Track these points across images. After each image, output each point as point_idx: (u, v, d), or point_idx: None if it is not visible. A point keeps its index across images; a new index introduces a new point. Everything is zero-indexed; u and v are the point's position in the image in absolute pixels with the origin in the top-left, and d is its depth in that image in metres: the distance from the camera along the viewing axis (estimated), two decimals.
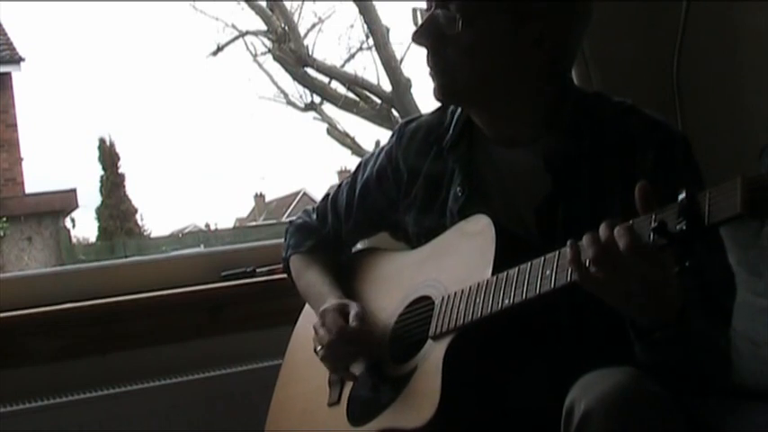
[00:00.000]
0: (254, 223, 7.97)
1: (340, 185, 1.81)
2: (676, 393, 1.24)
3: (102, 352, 2.13)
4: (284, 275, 2.25)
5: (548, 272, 1.27)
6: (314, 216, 1.84)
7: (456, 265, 1.48)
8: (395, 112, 6.43)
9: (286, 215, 8.49)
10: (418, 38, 1.50)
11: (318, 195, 1.93)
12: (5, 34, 5.95)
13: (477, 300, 1.37)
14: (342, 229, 1.79)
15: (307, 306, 1.81)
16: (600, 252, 1.18)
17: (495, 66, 1.46)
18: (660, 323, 1.23)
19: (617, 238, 1.17)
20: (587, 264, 1.19)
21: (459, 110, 1.60)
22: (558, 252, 1.27)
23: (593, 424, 1.19)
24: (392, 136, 1.73)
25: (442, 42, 1.48)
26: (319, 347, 1.58)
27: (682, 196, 1.10)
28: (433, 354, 1.42)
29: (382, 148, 1.74)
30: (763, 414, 1.76)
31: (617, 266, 1.17)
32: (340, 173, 7.21)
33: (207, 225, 7.34)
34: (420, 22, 1.53)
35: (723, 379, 1.38)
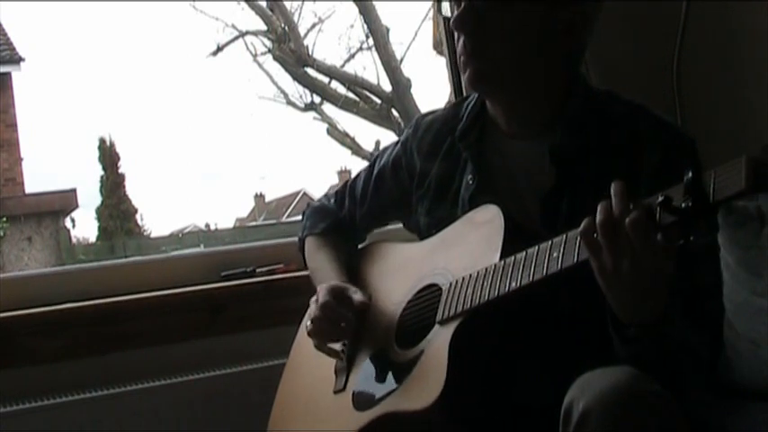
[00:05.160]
0: (254, 223, 7.96)
1: (359, 173, 1.86)
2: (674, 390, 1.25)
3: (102, 352, 2.13)
4: (285, 275, 2.25)
5: (555, 254, 1.28)
6: (332, 200, 1.89)
7: (464, 253, 1.49)
8: (395, 112, 6.43)
9: (286, 215, 8.48)
10: (459, 25, 1.52)
11: (318, 195, 1.96)
12: (5, 34, 5.94)
13: (485, 284, 1.38)
14: (357, 213, 1.83)
15: None
16: (607, 218, 1.20)
17: (531, 50, 1.50)
18: (640, 320, 1.25)
19: (623, 209, 1.19)
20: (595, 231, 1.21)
21: (473, 103, 1.64)
22: (565, 235, 1.28)
23: (591, 423, 1.19)
24: (408, 128, 1.77)
25: (481, 28, 1.50)
26: (308, 322, 1.62)
27: (687, 175, 1.12)
28: (440, 338, 1.42)
29: (399, 139, 1.79)
30: (763, 414, 1.76)
31: (619, 237, 1.19)
32: (340, 173, 7.22)
33: (207, 225, 7.32)
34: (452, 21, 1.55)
35: (697, 384, 1.39)
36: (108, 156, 6.56)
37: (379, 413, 1.46)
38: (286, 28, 6.46)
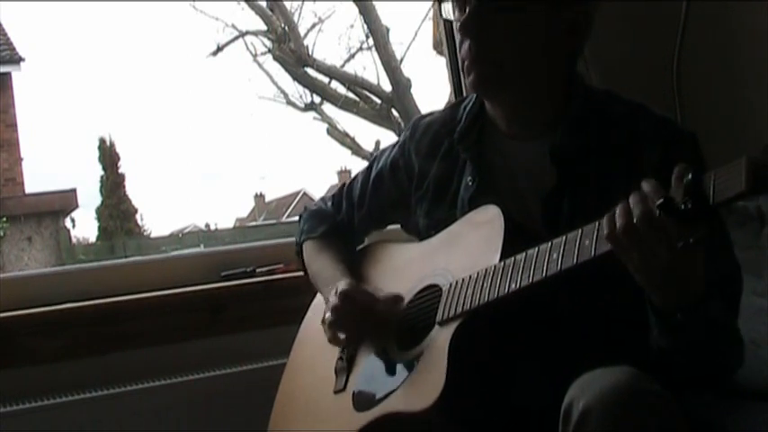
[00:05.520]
0: (254, 223, 7.96)
1: (356, 176, 1.85)
2: (677, 391, 1.25)
3: (101, 352, 2.13)
4: (285, 275, 2.25)
5: (554, 255, 1.28)
6: (329, 204, 1.88)
7: (464, 253, 1.49)
8: (395, 112, 6.43)
9: (286, 215, 8.48)
10: (465, 29, 1.52)
11: (318, 195, 1.96)
12: (5, 34, 5.94)
13: (485, 285, 1.38)
14: (355, 215, 1.82)
15: (315, 300, 1.84)
16: (627, 224, 1.19)
17: (536, 52, 1.50)
18: (681, 305, 1.24)
19: (632, 208, 1.19)
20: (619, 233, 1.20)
21: (471, 104, 1.64)
22: (564, 236, 1.28)
23: (591, 423, 1.19)
24: (406, 130, 1.77)
25: (485, 31, 1.50)
26: (328, 314, 1.60)
27: (688, 177, 1.12)
28: (440, 339, 1.43)
29: (397, 141, 1.78)
30: (763, 414, 1.76)
31: (637, 238, 1.19)
32: (340, 173, 7.22)
33: (207, 225, 7.32)
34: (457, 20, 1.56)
35: (737, 365, 1.40)
36: (108, 156, 6.56)
37: (379, 414, 1.47)
38: (286, 28, 6.46)
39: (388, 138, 6.97)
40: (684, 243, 1.16)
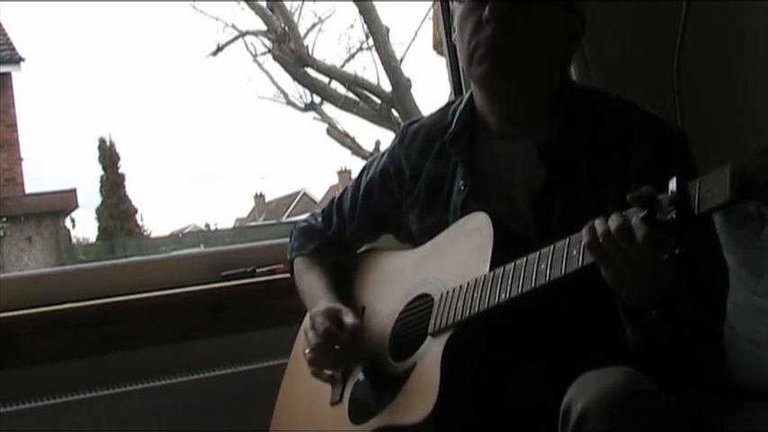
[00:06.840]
0: (254, 223, 7.97)
1: (345, 189, 1.83)
2: (673, 391, 1.25)
3: (102, 352, 2.13)
4: (285, 275, 2.26)
5: (543, 266, 1.28)
6: (319, 219, 1.86)
7: (454, 262, 1.49)
8: (395, 112, 6.44)
9: (286, 215, 8.50)
10: (495, 12, 1.48)
11: (318, 195, 1.96)
12: (5, 34, 5.95)
13: (475, 295, 1.38)
14: (346, 229, 1.80)
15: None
16: (593, 239, 1.21)
17: (547, 48, 1.51)
18: (650, 302, 1.25)
19: (609, 223, 1.20)
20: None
21: (462, 106, 1.62)
22: (552, 246, 1.28)
23: (590, 423, 1.19)
24: (395, 137, 1.75)
25: (516, 18, 1.49)
26: (307, 350, 1.59)
27: (672, 186, 1.11)
28: (432, 350, 1.42)
29: (386, 149, 1.76)
30: (764, 414, 1.76)
31: (610, 251, 1.19)
32: (340, 173, 7.24)
33: (207, 225, 7.34)
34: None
35: (713, 365, 1.40)
36: (108, 156, 6.57)
37: (375, 426, 1.47)
38: (286, 28, 6.46)
39: (388, 138, 6.97)
40: (670, 255, 1.15)
